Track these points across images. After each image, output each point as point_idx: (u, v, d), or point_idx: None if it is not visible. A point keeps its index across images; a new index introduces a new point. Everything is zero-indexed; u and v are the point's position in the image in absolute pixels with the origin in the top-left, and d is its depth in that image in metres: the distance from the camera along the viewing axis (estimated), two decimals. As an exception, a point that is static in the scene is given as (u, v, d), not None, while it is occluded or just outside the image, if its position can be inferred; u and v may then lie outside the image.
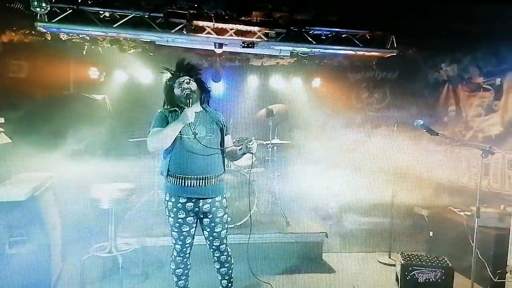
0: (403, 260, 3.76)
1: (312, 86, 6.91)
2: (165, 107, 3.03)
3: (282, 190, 5.68)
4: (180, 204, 2.89)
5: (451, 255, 4.01)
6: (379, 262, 4.78)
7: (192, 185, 2.86)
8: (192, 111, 2.83)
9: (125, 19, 4.32)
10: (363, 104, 6.96)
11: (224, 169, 3.06)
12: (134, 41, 5.10)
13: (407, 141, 5.00)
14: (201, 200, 2.91)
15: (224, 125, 3.06)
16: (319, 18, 4.58)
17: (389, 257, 4.81)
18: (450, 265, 3.69)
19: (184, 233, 2.95)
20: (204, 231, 3.05)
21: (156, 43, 4.88)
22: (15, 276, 3.11)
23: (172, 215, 2.93)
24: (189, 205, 2.90)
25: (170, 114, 2.92)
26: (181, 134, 2.83)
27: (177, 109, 2.94)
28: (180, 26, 4.39)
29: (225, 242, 3.08)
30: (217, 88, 6.39)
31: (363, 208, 5.56)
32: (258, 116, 6.18)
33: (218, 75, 6.37)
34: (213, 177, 2.92)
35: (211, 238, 3.04)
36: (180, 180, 2.85)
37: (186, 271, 3.12)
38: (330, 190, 5.68)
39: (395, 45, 4.82)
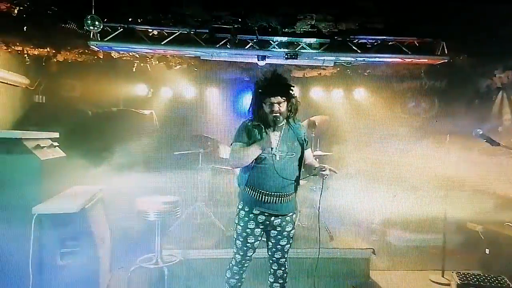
0: (459, 279, 3.54)
1: (355, 96, 6.77)
2: (250, 118, 3.00)
3: (324, 203, 5.54)
4: (252, 214, 2.91)
5: (510, 274, 3.72)
6: (431, 281, 4.51)
7: (268, 201, 2.87)
8: (275, 137, 2.86)
9: (172, 36, 4.47)
10: (409, 114, 6.71)
11: (299, 185, 3.04)
12: (180, 58, 5.25)
13: (457, 152, 4.74)
14: (273, 216, 2.93)
15: (305, 140, 3.04)
16: (364, 26, 4.45)
17: (442, 276, 4.54)
18: (510, 285, 3.45)
19: (248, 244, 2.96)
20: (269, 242, 3.05)
21: (201, 58, 4.98)
22: (66, 287, 3.20)
23: (242, 224, 2.94)
24: (261, 217, 2.92)
25: (254, 129, 2.92)
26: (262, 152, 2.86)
27: (261, 125, 2.93)
28: (224, 40, 4.47)
29: (286, 256, 3.06)
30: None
31: (411, 223, 5.31)
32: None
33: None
34: (289, 194, 2.93)
35: (273, 249, 3.03)
36: (257, 194, 2.88)
37: (239, 283, 3.11)
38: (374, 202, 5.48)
39: (446, 52, 4.63)
